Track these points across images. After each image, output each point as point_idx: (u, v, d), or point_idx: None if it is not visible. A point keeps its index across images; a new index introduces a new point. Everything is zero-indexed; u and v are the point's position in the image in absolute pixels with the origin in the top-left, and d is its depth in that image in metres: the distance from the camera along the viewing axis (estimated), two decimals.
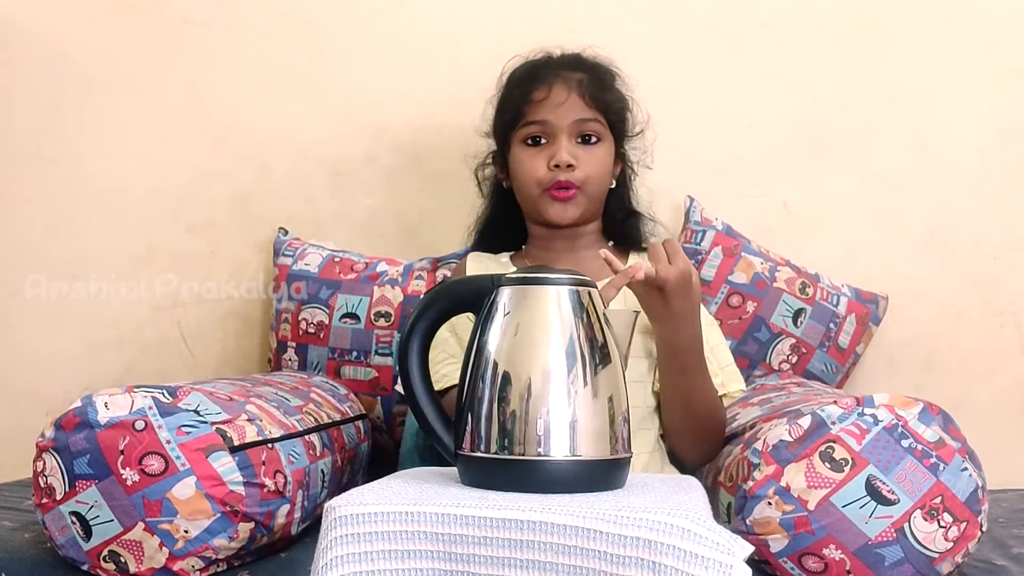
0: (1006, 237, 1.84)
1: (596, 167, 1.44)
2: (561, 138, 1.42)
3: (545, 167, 1.42)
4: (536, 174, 1.43)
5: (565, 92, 1.43)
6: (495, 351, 1.02)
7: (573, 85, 1.43)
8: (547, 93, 1.43)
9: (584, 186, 1.42)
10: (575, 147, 1.42)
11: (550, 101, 1.43)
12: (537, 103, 1.43)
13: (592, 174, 1.43)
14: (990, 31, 1.84)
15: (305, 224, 1.87)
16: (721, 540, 0.88)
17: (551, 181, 1.42)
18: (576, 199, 1.43)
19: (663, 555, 0.87)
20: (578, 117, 1.42)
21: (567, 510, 0.90)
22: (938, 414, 1.15)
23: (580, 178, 1.42)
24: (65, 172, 1.91)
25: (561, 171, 1.41)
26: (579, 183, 1.42)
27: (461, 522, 0.92)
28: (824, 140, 1.85)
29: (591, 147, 1.44)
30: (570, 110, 1.42)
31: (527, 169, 1.44)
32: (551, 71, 1.46)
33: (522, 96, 1.45)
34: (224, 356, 1.90)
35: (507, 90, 1.50)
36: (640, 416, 1.35)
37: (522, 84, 1.47)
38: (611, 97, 1.47)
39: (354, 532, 0.93)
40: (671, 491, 1.03)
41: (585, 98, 1.43)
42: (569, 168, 1.41)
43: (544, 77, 1.45)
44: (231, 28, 1.91)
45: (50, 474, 1.15)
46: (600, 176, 1.45)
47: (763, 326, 1.67)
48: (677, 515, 0.88)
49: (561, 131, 1.42)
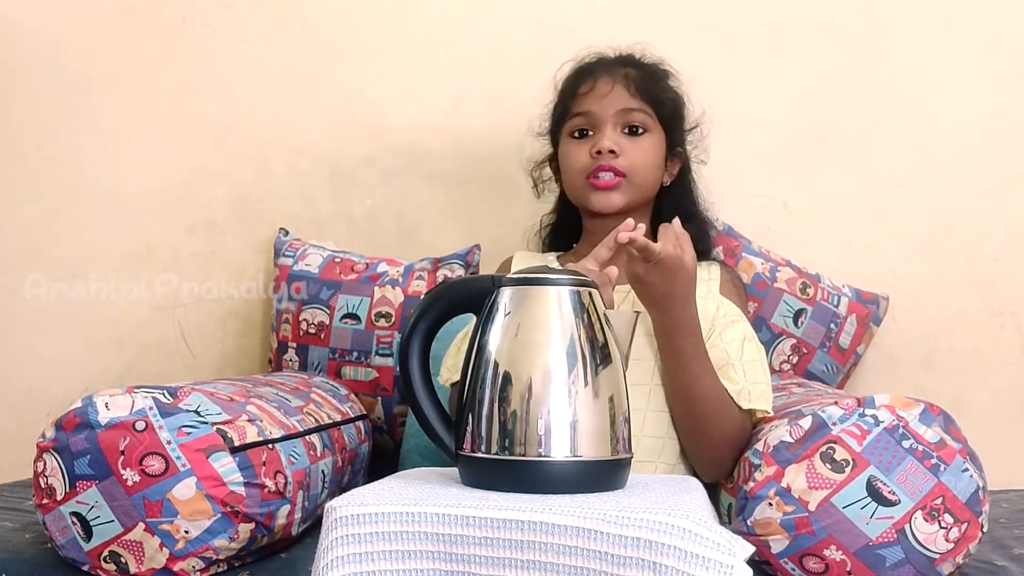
0: (1006, 237, 1.83)
1: (642, 158, 1.41)
2: (605, 128, 1.41)
3: (588, 155, 1.40)
4: (580, 163, 1.42)
5: (610, 84, 1.42)
6: (496, 351, 1.02)
7: (619, 77, 1.43)
8: (592, 86, 1.43)
9: (630, 175, 1.40)
10: (620, 136, 1.41)
11: (595, 92, 1.42)
12: (582, 96, 1.43)
13: (637, 164, 1.40)
14: (990, 31, 1.84)
15: (305, 224, 1.87)
16: (722, 541, 0.88)
17: (594, 167, 1.39)
18: (620, 187, 1.40)
19: (664, 555, 0.87)
20: (623, 107, 1.41)
21: (567, 511, 0.90)
22: (939, 415, 1.15)
23: (624, 165, 1.39)
24: (65, 172, 1.91)
25: (603, 157, 1.39)
26: (623, 170, 1.39)
27: (462, 522, 0.92)
28: (825, 140, 1.85)
29: (637, 138, 1.42)
30: (615, 100, 1.41)
31: (572, 159, 1.44)
32: (600, 66, 1.46)
33: (569, 92, 1.46)
34: (224, 356, 1.90)
35: (558, 93, 1.50)
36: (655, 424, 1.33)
37: (569, 84, 1.47)
38: (660, 90, 1.45)
39: (355, 532, 0.93)
40: (672, 492, 1.03)
41: (631, 88, 1.42)
42: (611, 154, 1.39)
43: (591, 71, 1.45)
44: (231, 28, 1.91)
45: (51, 474, 1.15)
46: (647, 167, 1.42)
47: (764, 326, 1.67)
48: (678, 516, 0.88)
49: (605, 121, 1.41)
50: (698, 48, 1.86)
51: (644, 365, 1.31)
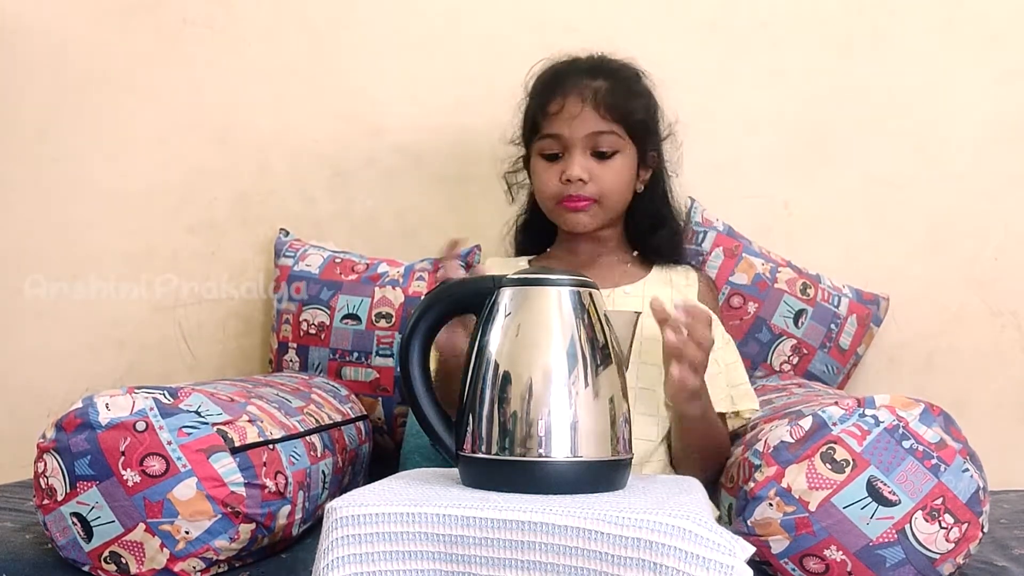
0: (1007, 237, 1.83)
1: (612, 181, 1.41)
2: (575, 152, 1.40)
3: (558, 180, 1.41)
4: (549, 188, 1.43)
5: (579, 104, 1.40)
6: (496, 352, 1.02)
7: (588, 96, 1.40)
8: (561, 106, 1.41)
9: (600, 200, 1.41)
10: (589, 161, 1.40)
11: (564, 114, 1.41)
12: (552, 116, 1.42)
13: (607, 189, 1.41)
14: (990, 31, 1.84)
15: (305, 224, 1.87)
16: (722, 541, 0.88)
17: (563, 195, 1.41)
18: (590, 210, 1.41)
19: (664, 556, 0.87)
20: (592, 131, 1.40)
21: (568, 511, 0.90)
22: (939, 415, 1.15)
23: (593, 192, 1.40)
24: (65, 172, 1.91)
25: (572, 186, 1.39)
26: (593, 197, 1.40)
27: (462, 523, 0.92)
28: (825, 140, 1.85)
29: (606, 161, 1.41)
30: (584, 123, 1.40)
31: (542, 182, 1.44)
32: (569, 80, 1.43)
33: (538, 107, 1.45)
34: (225, 357, 1.90)
35: (529, 99, 1.49)
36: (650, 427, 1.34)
37: (539, 95, 1.46)
38: (633, 104, 1.44)
39: (355, 533, 0.93)
40: (672, 492, 1.03)
41: (600, 110, 1.40)
42: (580, 183, 1.39)
43: (561, 86, 1.43)
44: (231, 28, 1.91)
45: (51, 475, 1.15)
46: (617, 190, 1.42)
47: (764, 327, 1.67)
48: (678, 516, 0.88)
49: (574, 145, 1.40)
50: (698, 48, 1.86)
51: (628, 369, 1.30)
